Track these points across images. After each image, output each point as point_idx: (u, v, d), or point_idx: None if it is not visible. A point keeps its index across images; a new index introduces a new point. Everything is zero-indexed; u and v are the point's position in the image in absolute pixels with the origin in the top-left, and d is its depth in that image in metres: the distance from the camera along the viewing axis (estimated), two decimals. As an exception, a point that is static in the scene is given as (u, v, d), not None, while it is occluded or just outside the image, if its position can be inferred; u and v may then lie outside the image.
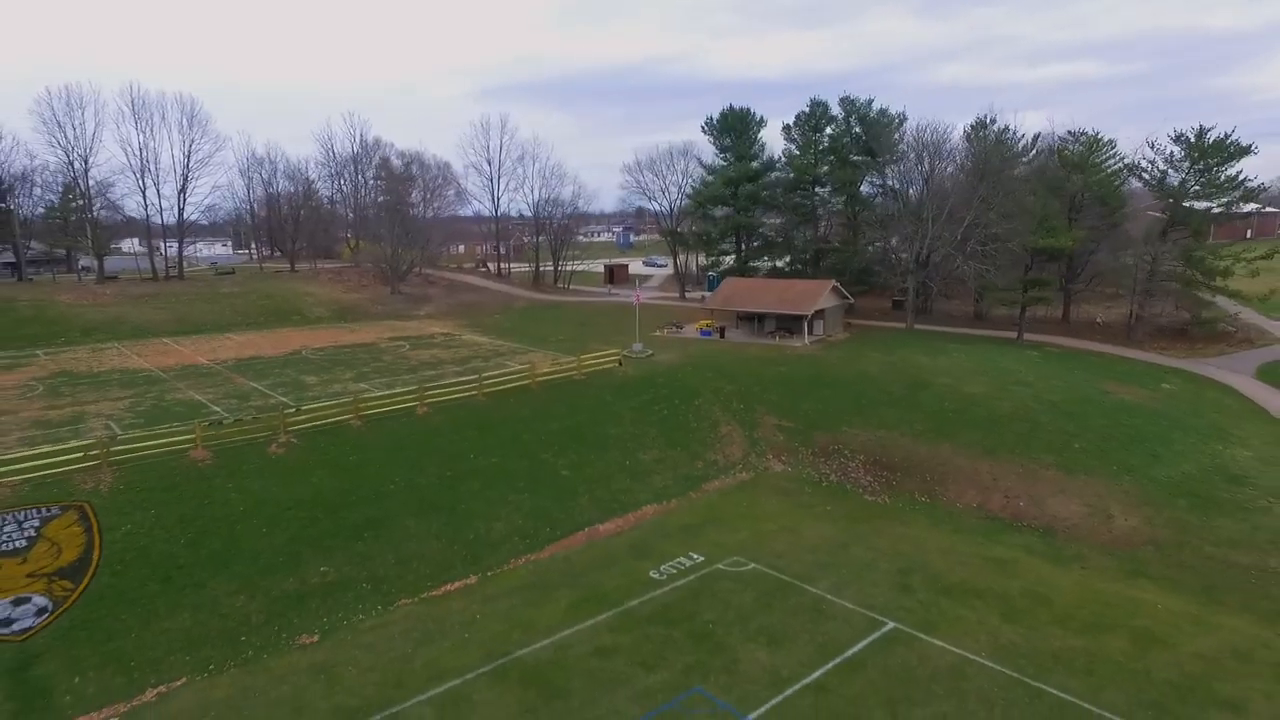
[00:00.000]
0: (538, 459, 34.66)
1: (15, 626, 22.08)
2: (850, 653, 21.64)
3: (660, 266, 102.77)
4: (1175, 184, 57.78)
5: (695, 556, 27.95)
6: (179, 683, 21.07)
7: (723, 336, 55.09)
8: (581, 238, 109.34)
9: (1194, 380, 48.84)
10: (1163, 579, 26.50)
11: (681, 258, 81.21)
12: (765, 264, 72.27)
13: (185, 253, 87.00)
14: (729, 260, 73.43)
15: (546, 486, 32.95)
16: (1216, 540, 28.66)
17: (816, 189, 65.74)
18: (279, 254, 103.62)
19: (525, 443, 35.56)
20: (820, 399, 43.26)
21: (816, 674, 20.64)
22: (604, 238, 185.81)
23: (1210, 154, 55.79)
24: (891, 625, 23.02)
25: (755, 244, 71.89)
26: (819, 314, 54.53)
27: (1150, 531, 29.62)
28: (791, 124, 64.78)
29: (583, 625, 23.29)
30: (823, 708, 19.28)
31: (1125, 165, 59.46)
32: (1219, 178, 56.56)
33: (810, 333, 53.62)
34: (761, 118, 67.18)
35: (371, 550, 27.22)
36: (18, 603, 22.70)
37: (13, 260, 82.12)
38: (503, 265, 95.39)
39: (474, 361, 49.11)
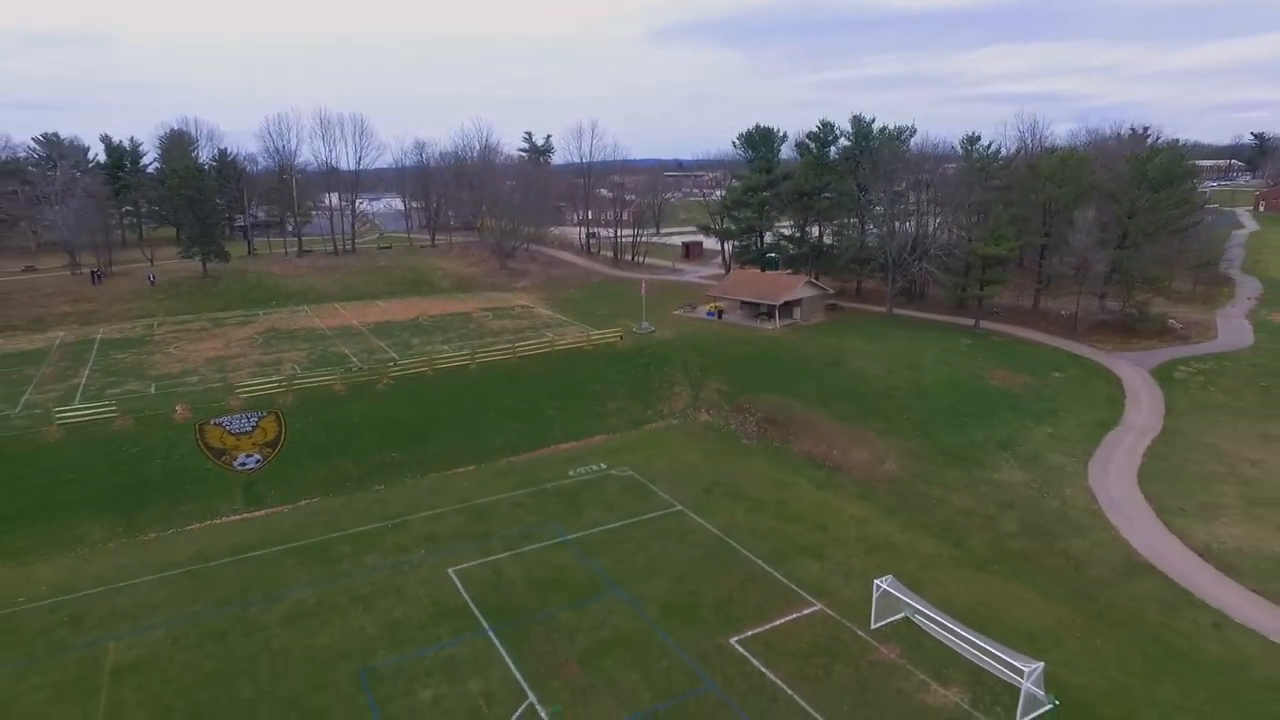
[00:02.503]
0: (537, 403, 54.14)
1: (248, 466, 44.78)
2: (644, 517, 39.53)
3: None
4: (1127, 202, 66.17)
5: (603, 466, 46.39)
6: (314, 499, 42.79)
7: (720, 317, 71.46)
8: (697, 193, 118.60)
9: (1091, 371, 59.54)
10: (876, 501, 41.77)
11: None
12: (781, 256, 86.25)
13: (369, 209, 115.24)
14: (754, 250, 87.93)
15: (536, 420, 52.41)
16: (937, 483, 43.08)
17: (824, 195, 78.65)
18: (429, 227, 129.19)
19: (532, 391, 55.12)
20: (757, 371, 59.34)
21: (616, 524, 38.82)
22: (718, 194, 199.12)
23: (1155, 178, 63.89)
24: (679, 508, 40.50)
25: (770, 240, 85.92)
26: (795, 303, 69.35)
27: (899, 473, 44.43)
28: (806, 140, 78.12)
29: (514, 493, 42.71)
30: (609, 538, 37.48)
31: (1089, 182, 68.28)
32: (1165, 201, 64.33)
33: (785, 318, 68.78)
34: (784, 134, 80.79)
35: (421, 447, 48.01)
36: (248, 457, 45.44)
37: (243, 226, 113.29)
38: (595, 240, 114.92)
39: (528, 331, 69.18)
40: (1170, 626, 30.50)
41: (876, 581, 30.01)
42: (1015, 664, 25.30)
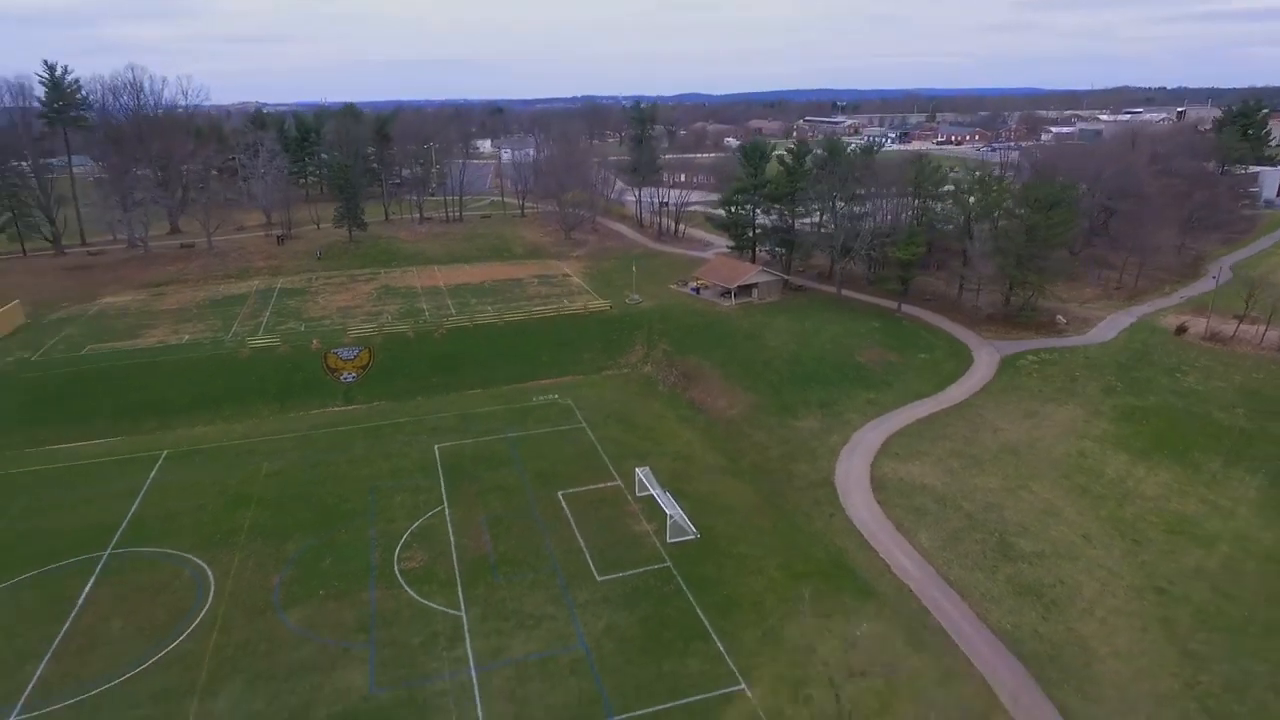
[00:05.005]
0: (534, 351, 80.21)
1: (348, 380, 74.45)
2: (558, 428, 64.84)
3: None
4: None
5: (554, 396, 71.89)
6: (381, 403, 71.64)
7: (699, 294, 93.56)
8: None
9: (955, 354, 77.26)
10: (706, 431, 64.53)
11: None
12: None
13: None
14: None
15: (529, 363, 78.56)
16: (755, 424, 64.99)
17: (796, 196, 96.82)
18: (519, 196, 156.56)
19: (534, 343, 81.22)
20: (697, 338, 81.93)
21: (539, 430, 64.51)
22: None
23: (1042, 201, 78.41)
24: (583, 425, 65.37)
25: (753, 233, 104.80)
26: (752, 285, 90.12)
27: (735, 416, 66.66)
28: (784, 154, 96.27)
29: (494, 407, 69.32)
30: (530, 437, 63.20)
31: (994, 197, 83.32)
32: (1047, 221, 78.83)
33: (743, 297, 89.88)
34: (774, 144, 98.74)
35: (450, 375, 75.63)
36: (349, 375, 75.15)
37: (397, 182, 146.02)
38: (667, 208, 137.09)
39: (554, 297, 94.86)
40: (804, 512, 52.38)
41: (637, 470, 53.90)
42: (674, 511, 48.81)
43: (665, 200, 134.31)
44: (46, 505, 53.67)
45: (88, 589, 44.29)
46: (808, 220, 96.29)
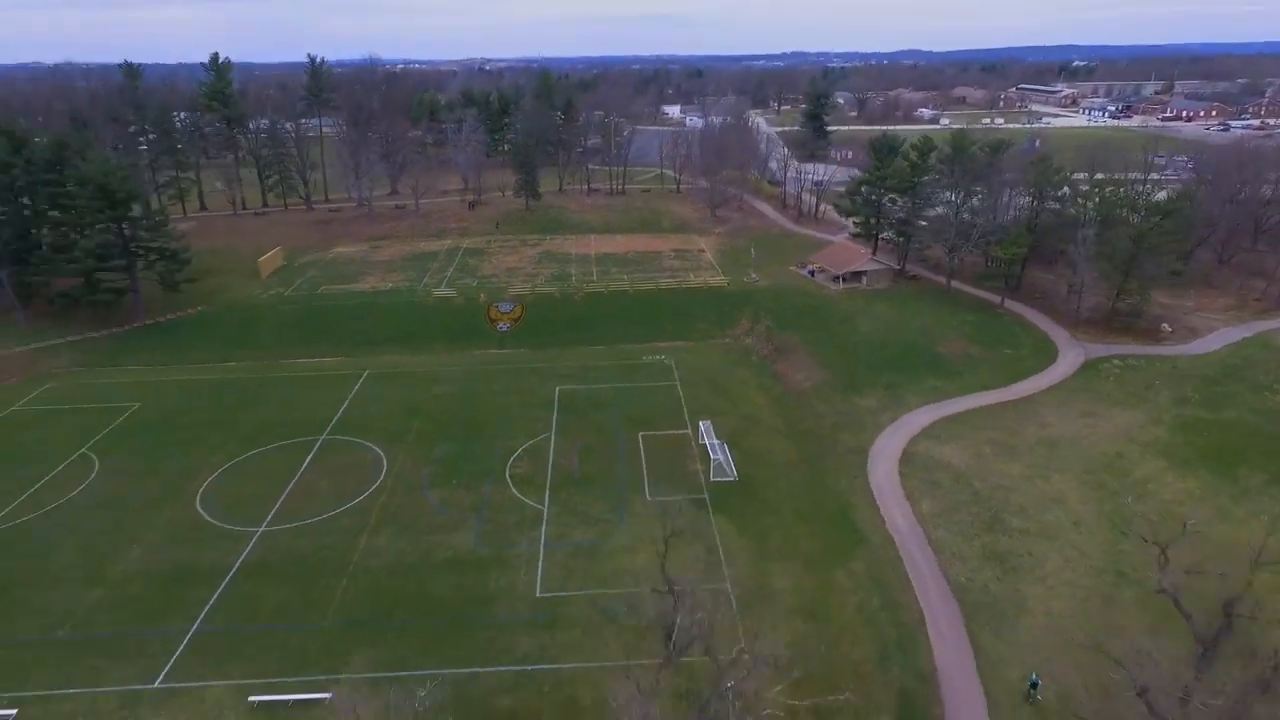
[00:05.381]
0: (655, 317, 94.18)
1: (503, 330, 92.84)
2: (656, 384, 78.75)
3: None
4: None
5: (661, 357, 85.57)
6: (525, 350, 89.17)
7: (812, 277, 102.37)
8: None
9: (1040, 352, 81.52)
10: (779, 399, 75.38)
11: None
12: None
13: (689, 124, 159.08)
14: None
15: (649, 326, 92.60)
16: (820, 398, 74.84)
17: (914, 190, 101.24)
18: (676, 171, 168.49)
19: (656, 310, 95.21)
20: (797, 317, 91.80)
21: (641, 384, 78.74)
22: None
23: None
24: (676, 384, 78.79)
25: (874, 221, 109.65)
26: (861, 273, 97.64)
27: (807, 389, 76.72)
28: (910, 149, 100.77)
29: (611, 362, 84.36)
30: (633, 389, 77.67)
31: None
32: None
33: (852, 283, 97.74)
34: (904, 139, 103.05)
35: (582, 333, 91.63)
36: (505, 325, 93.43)
37: (581, 150, 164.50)
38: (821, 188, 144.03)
39: (682, 271, 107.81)
40: (832, 472, 62.66)
41: (701, 422, 66.57)
42: (719, 457, 61.25)
43: (818, 179, 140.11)
44: (289, 400, 76.29)
45: (309, 458, 65.07)
46: (927, 213, 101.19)
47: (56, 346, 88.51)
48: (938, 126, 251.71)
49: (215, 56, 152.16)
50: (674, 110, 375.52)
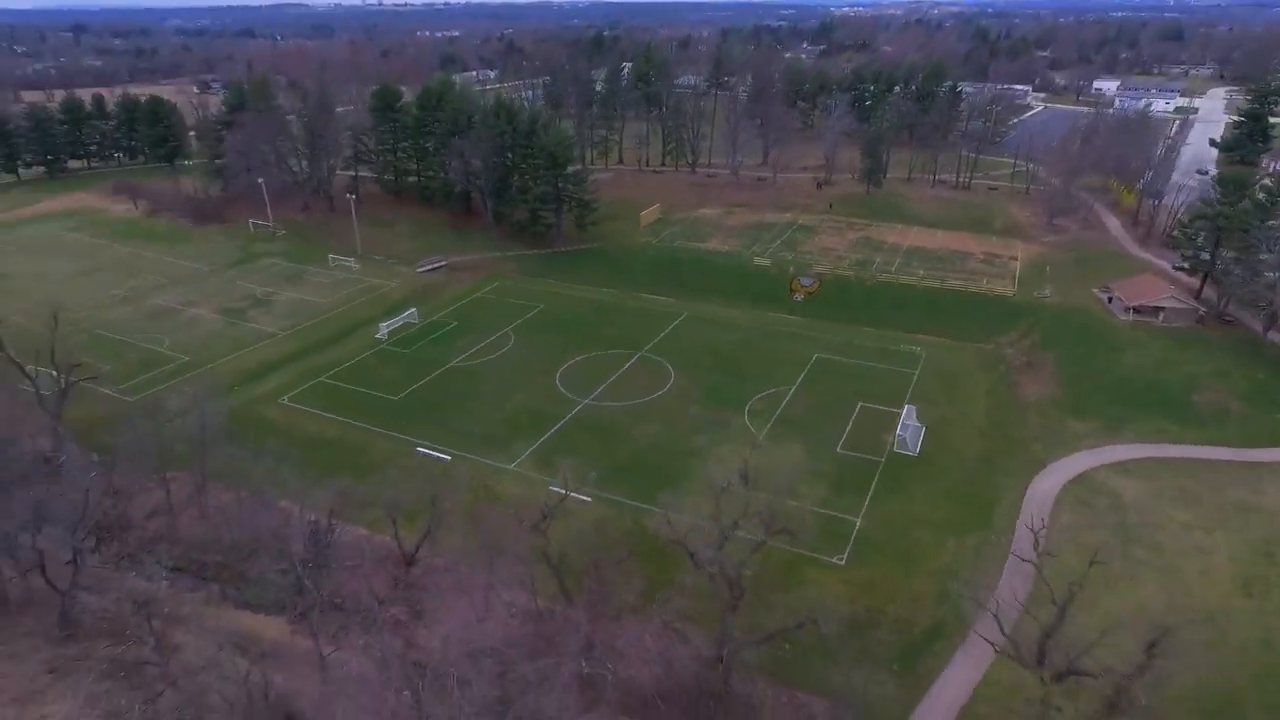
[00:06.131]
0: (928, 312, 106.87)
1: (798, 300, 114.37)
2: (898, 370, 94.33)
3: None
4: None
5: (916, 348, 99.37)
6: (809, 319, 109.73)
7: (1110, 303, 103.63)
8: None
9: None
10: (999, 403, 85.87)
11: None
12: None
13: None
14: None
15: (919, 319, 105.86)
16: (1042, 413, 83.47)
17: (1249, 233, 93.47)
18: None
19: (931, 306, 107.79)
20: (1069, 338, 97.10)
21: (896, 368, 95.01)
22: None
23: None
24: (916, 372, 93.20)
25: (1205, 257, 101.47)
26: (1157, 307, 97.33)
27: (1034, 401, 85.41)
28: (1259, 189, 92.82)
29: (868, 343, 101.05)
30: (867, 368, 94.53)
31: None
32: None
33: (1146, 315, 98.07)
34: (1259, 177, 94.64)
35: (858, 313, 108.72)
36: (799, 297, 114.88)
37: (963, 134, 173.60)
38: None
39: (980, 275, 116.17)
40: (1003, 473, 74.18)
41: (906, 405, 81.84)
42: (905, 434, 77.29)
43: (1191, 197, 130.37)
44: (629, 323, 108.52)
45: (627, 365, 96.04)
46: (1262, 258, 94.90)
47: (508, 257, 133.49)
48: None
49: (648, 45, 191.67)
50: (1108, 86, 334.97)
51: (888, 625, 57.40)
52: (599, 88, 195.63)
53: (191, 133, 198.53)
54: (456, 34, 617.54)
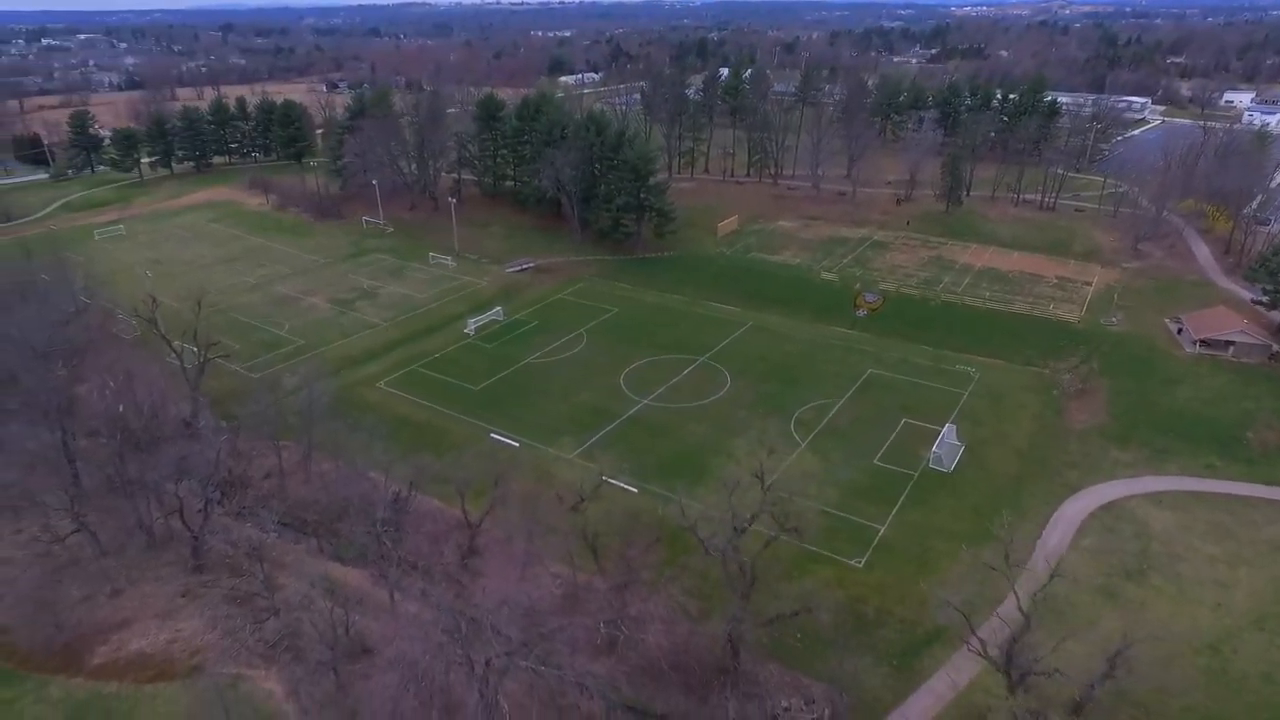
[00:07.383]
0: (988, 334, 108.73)
1: (861, 315, 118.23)
2: (942, 387, 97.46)
3: None
4: None
5: (970, 369, 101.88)
6: (855, 332, 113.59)
7: (1179, 334, 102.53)
8: None
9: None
10: (1043, 426, 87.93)
11: None
12: None
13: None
14: None
15: (978, 341, 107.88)
16: (1085, 439, 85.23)
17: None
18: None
19: (995, 329, 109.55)
20: (1129, 367, 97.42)
21: (924, 384, 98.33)
22: None
23: None
24: (965, 393, 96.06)
25: None
26: (1228, 341, 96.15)
27: (1079, 428, 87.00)
28: None
29: (922, 361, 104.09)
30: (918, 385, 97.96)
31: None
32: None
33: (1215, 349, 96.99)
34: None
35: (921, 332, 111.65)
36: (863, 312, 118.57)
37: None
38: None
39: (1048, 300, 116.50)
40: (1030, 495, 76.92)
41: (947, 424, 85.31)
42: (939, 451, 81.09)
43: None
44: (694, 330, 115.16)
45: (688, 370, 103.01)
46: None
47: (590, 261, 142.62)
48: None
49: (748, 51, 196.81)
50: (1241, 98, 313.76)
51: (894, 625, 62.52)
52: (692, 94, 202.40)
53: (319, 130, 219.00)
54: (568, 34, 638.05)
